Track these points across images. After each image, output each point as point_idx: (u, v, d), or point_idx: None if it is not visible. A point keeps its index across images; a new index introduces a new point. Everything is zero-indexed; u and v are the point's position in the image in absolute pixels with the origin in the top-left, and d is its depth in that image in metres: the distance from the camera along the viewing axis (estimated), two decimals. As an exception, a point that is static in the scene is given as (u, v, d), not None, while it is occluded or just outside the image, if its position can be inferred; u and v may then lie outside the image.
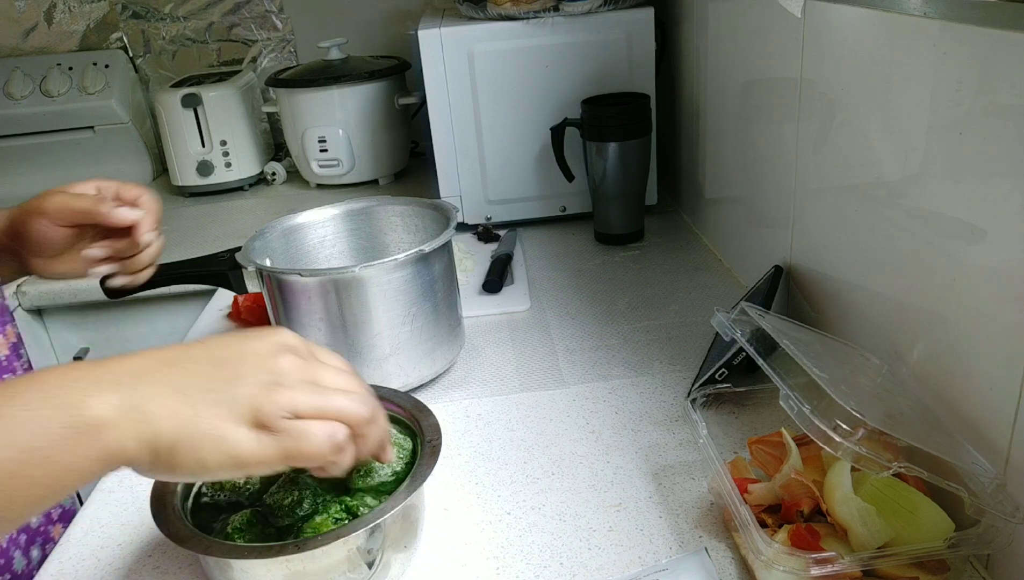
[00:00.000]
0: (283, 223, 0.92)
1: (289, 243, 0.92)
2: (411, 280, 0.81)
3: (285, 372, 0.49)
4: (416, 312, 0.82)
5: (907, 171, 0.63)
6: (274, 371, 0.48)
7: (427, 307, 0.82)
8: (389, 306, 0.80)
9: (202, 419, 0.45)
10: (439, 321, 0.85)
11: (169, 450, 0.44)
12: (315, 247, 0.94)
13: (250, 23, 1.75)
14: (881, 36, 0.65)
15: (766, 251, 0.94)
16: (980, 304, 0.55)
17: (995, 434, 0.54)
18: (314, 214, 0.93)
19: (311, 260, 0.94)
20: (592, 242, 1.22)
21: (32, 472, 0.41)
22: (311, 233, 0.94)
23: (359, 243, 0.96)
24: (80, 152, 1.73)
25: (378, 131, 1.53)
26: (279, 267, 0.84)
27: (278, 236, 0.91)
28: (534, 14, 1.18)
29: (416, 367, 0.84)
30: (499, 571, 0.61)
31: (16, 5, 1.72)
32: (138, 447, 0.44)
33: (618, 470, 0.71)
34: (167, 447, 0.44)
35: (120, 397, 0.44)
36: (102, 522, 0.71)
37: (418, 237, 0.94)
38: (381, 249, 0.95)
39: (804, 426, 0.54)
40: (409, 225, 0.94)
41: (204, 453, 0.45)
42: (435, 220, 0.91)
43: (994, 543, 0.52)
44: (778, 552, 0.53)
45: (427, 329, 0.83)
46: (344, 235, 0.95)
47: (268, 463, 0.47)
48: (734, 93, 1.02)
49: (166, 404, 0.45)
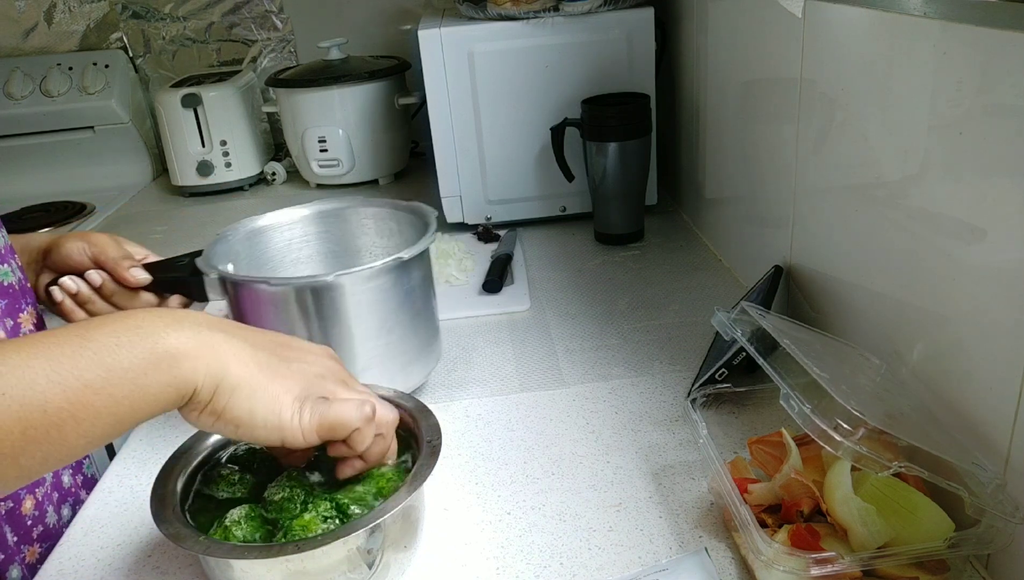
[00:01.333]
0: (248, 225, 0.86)
1: (254, 246, 0.86)
2: (389, 289, 0.76)
3: (332, 370, 0.58)
4: (393, 324, 0.77)
5: (907, 171, 0.63)
6: (324, 367, 0.57)
7: (404, 318, 0.78)
8: (364, 318, 0.75)
9: (264, 375, 0.52)
10: (416, 333, 0.80)
11: (230, 390, 0.51)
12: (282, 251, 0.89)
13: (250, 23, 1.76)
14: (881, 36, 0.65)
15: (766, 251, 0.94)
16: (980, 304, 0.55)
17: (995, 434, 0.54)
18: (281, 216, 0.88)
19: (277, 264, 0.89)
20: (592, 242, 1.22)
21: (115, 391, 0.46)
22: (277, 236, 0.88)
23: (329, 247, 0.91)
24: (80, 152, 1.73)
25: (378, 131, 1.53)
26: (244, 275, 0.76)
27: (242, 239, 0.85)
28: (534, 14, 1.18)
29: (391, 382, 0.74)
30: (499, 571, 0.61)
31: (16, 5, 1.72)
32: (205, 380, 0.50)
33: (618, 470, 0.71)
34: (229, 387, 0.50)
35: (198, 335, 0.50)
36: (102, 522, 0.71)
37: (392, 241, 0.89)
38: (352, 253, 0.91)
39: (805, 425, 0.54)
40: (383, 228, 0.90)
41: (257, 404, 0.52)
42: (411, 223, 0.86)
43: (994, 543, 0.52)
44: (778, 552, 0.53)
45: (404, 341, 0.79)
46: (313, 238, 0.90)
47: (304, 431, 0.53)
48: (734, 93, 1.02)
49: (237, 352, 0.52)
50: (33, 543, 0.69)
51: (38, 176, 1.74)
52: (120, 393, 0.46)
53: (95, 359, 0.46)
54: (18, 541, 0.67)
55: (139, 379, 0.47)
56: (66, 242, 0.76)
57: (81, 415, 0.45)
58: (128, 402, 0.47)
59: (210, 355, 0.50)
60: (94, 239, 0.76)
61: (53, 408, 0.44)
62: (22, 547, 0.68)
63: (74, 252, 0.75)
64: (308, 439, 0.54)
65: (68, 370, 0.44)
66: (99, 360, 0.46)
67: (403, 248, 0.77)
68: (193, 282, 0.76)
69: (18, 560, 0.67)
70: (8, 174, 1.73)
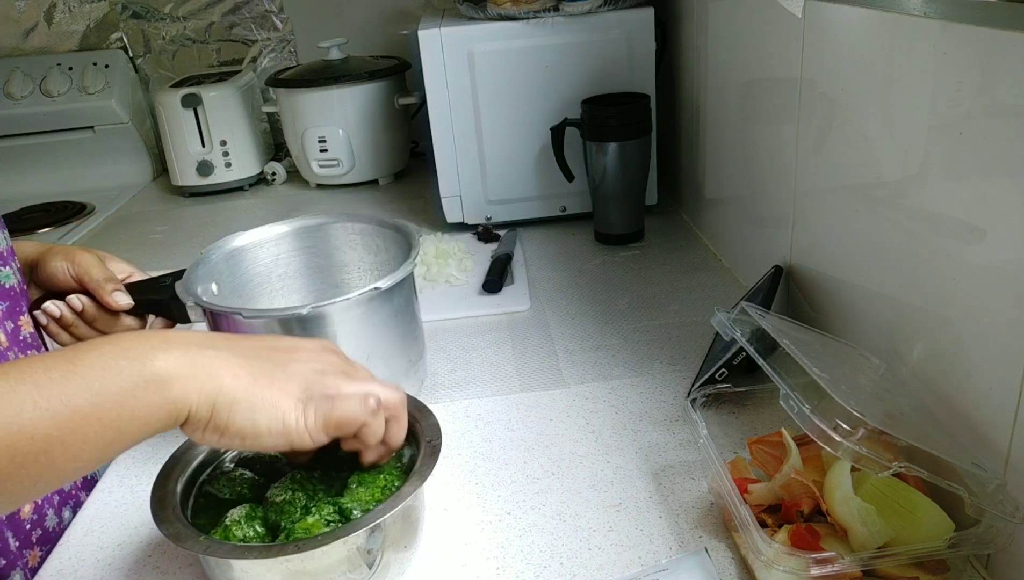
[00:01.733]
0: (230, 243, 0.84)
1: (238, 265, 0.84)
2: (366, 318, 0.74)
3: (330, 363, 0.57)
4: (371, 352, 0.75)
5: (907, 171, 0.63)
6: (321, 362, 0.56)
7: (383, 346, 0.77)
8: (344, 346, 0.70)
9: (260, 385, 0.52)
10: (396, 359, 0.79)
11: (229, 405, 0.50)
12: (268, 268, 0.87)
13: (250, 23, 1.76)
14: (881, 36, 0.65)
15: (766, 251, 0.94)
16: (980, 304, 0.55)
17: (995, 434, 0.54)
18: (264, 232, 0.87)
19: (262, 282, 0.87)
20: (592, 242, 1.22)
21: (104, 415, 0.45)
22: (262, 253, 0.87)
23: (317, 262, 0.89)
24: (80, 152, 1.73)
25: (378, 131, 1.53)
26: (220, 306, 0.74)
27: (224, 258, 0.83)
28: (534, 14, 1.18)
29: None
30: (499, 571, 0.61)
31: (16, 5, 1.72)
32: (200, 399, 0.49)
33: (618, 470, 0.71)
34: (227, 403, 0.50)
35: (187, 355, 0.49)
36: (102, 522, 0.71)
37: (379, 258, 0.88)
38: (339, 268, 0.90)
39: (804, 426, 0.54)
40: (370, 245, 0.88)
41: (258, 414, 0.51)
42: (396, 242, 0.84)
43: (994, 543, 0.52)
44: (778, 552, 0.53)
45: (383, 370, 0.76)
46: (299, 254, 0.89)
47: (311, 432, 0.53)
48: (734, 93, 1.02)
49: (229, 367, 0.51)
50: (33, 547, 0.69)
51: (38, 176, 1.74)
52: (109, 418, 0.46)
53: (83, 384, 0.45)
54: (20, 546, 0.67)
55: (128, 403, 0.46)
56: (51, 260, 0.75)
57: (70, 441, 0.44)
58: (117, 426, 0.46)
59: (202, 374, 0.49)
60: (77, 258, 0.74)
61: (41, 434, 0.43)
62: (24, 552, 0.68)
63: (58, 272, 0.74)
64: (316, 440, 0.54)
65: (56, 395, 0.44)
66: (87, 385, 0.45)
67: (389, 265, 0.74)
68: (175, 305, 0.75)
69: (20, 565, 0.67)
70: (8, 174, 1.73)
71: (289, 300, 0.89)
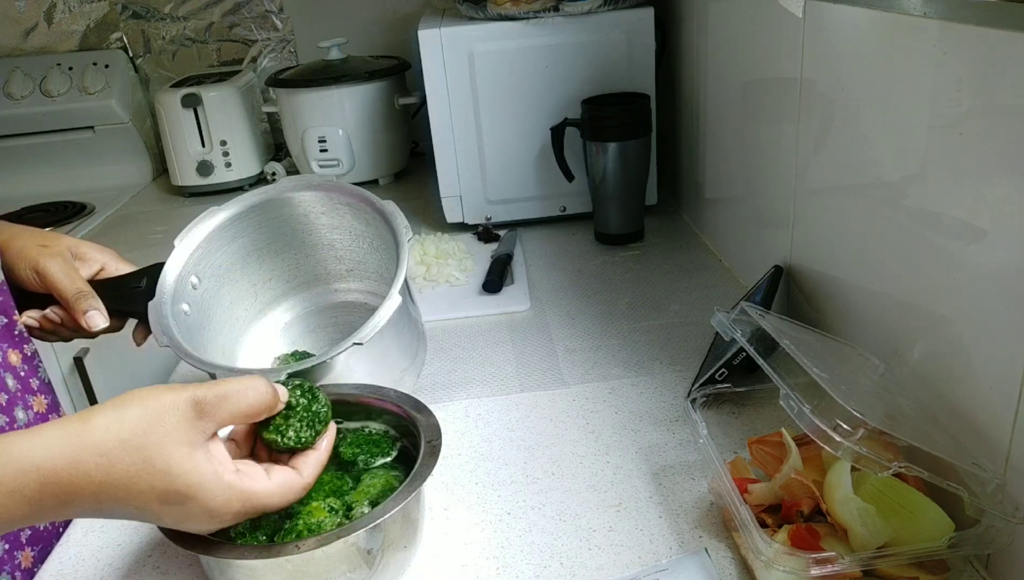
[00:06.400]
0: (208, 223, 0.81)
1: (216, 250, 0.80)
2: (347, 371, 0.70)
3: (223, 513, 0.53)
4: (371, 351, 0.71)
5: (907, 171, 0.63)
6: (216, 515, 0.52)
7: (383, 346, 0.73)
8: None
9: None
10: (397, 359, 0.76)
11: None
12: (247, 247, 0.83)
13: (250, 23, 1.75)
14: (881, 36, 0.65)
15: (766, 251, 0.94)
16: (980, 304, 0.55)
17: (995, 434, 0.54)
18: (240, 203, 0.83)
19: (244, 263, 0.83)
20: (592, 242, 1.22)
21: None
22: (243, 226, 0.82)
23: (300, 235, 0.84)
24: (80, 152, 1.73)
25: (378, 131, 1.53)
26: (191, 359, 0.70)
27: (202, 245, 0.80)
28: (534, 14, 1.18)
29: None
30: (499, 571, 0.61)
31: (16, 5, 1.72)
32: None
33: (618, 470, 0.71)
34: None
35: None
36: (102, 522, 0.71)
37: (370, 230, 0.81)
38: (327, 245, 0.85)
39: (804, 426, 0.54)
40: (360, 216, 0.82)
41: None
42: (385, 240, 0.77)
43: (994, 543, 0.52)
44: (778, 552, 0.53)
45: (384, 371, 0.74)
46: (278, 224, 0.83)
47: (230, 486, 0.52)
48: (734, 93, 1.02)
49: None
50: (24, 547, 0.68)
51: (38, 176, 1.74)
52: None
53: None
54: (9, 547, 0.67)
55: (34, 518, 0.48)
56: (17, 266, 0.73)
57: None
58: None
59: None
60: (42, 268, 0.73)
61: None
62: (15, 553, 0.67)
63: (28, 282, 0.73)
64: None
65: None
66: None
67: (380, 241, 0.72)
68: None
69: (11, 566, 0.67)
70: (8, 174, 1.73)
71: (275, 280, 0.86)
